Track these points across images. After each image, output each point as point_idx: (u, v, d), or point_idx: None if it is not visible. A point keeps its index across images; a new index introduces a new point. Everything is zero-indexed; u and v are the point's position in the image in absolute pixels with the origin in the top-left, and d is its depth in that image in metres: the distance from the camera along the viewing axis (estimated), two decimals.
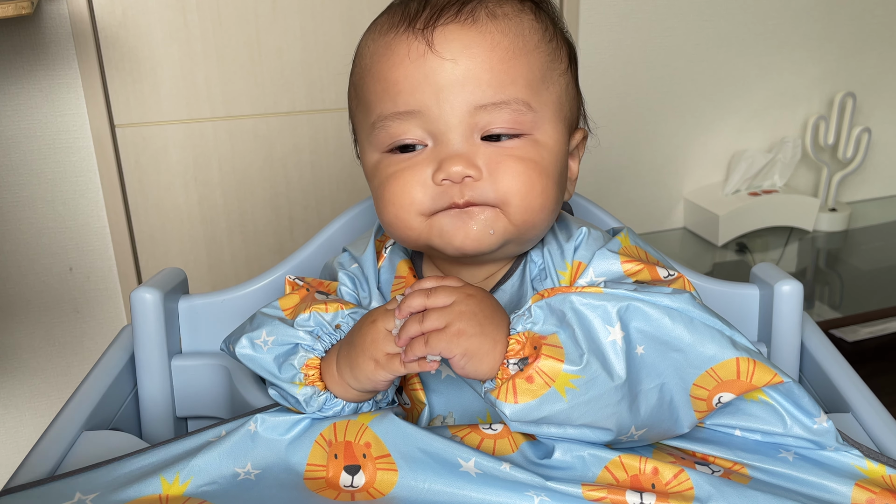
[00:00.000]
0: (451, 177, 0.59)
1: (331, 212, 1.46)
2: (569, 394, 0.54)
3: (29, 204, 1.34)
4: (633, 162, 1.68)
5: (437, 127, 0.60)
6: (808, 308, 1.49)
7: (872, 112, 1.81)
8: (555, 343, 0.54)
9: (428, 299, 0.56)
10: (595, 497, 0.53)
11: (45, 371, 1.44)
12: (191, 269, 1.41)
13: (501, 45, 0.60)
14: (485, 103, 0.59)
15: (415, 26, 0.60)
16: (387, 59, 0.61)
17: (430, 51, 0.59)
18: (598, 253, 0.64)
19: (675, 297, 0.56)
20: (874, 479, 0.57)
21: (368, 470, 0.57)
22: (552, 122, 0.62)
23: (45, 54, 1.27)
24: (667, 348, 0.56)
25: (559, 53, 0.64)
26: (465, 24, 0.60)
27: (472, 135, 0.60)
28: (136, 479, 0.58)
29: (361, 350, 0.57)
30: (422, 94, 0.59)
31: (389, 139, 0.62)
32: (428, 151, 0.61)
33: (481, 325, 0.55)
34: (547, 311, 0.55)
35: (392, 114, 0.61)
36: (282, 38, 1.36)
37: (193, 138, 1.38)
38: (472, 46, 0.59)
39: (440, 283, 0.57)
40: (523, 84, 0.60)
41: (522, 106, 0.60)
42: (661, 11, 1.59)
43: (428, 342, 0.54)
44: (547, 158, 0.62)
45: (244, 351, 0.62)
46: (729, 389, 0.57)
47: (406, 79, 0.60)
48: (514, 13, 0.62)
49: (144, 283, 0.77)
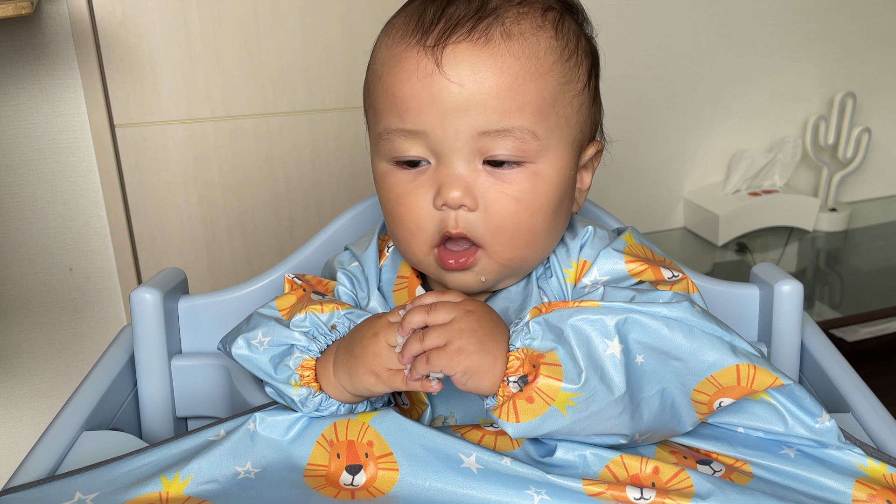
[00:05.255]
0: (449, 203, 0.60)
1: (331, 212, 1.46)
2: (569, 410, 0.54)
3: (29, 204, 1.34)
4: (633, 162, 1.68)
5: (441, 148, 0.60)
6: (808, 308, 1.49)
7: (872, 112, 1.81)
8: (553, 361, 0.54)
9: (428, 316, 0.56)
10: (595, 492, 0.54)
11: (45, 371, 1.43)
12: (191, 269, 1.41)
13: (512, 70, 0.59)
14: (488, 130, 0.59)
15: (426, 42, 0.59)
16: (396, 72, 0.61)
17: (438, 71, 0.58)
18: (604, 252, 0.64)
19: (673, 307, 0.56)
20: (875, 477, 0.57)
21: (370, 469, 0.57)
22: (558, 148, 0.62)
23: (45, 54, 1.27)
24: (666, 357, 0.56)
25: (576, 72, 0.62)
26: (478, 43, 0.59)
27: (474, 158, 0.60)
28: (136, 478, 0.58)
29: (362, 362, 0.57)
30: (427, 115, 0.59)
31: (395, 153, 0.62)
32: (431, 171, 0.61)
33: (481, 343, 0.55)
34: (545, 326, 0.55)
35: (398, 129, 0.61)
36: (282, 38, 1.36)
37: (193, 138, 1.38)
38: (480, 71, 0.58)
39: (440, 299, 0.57)
40: (530, 111, 0.60)
41: (527, 134, 0.60)
42: (661, 11, 1.59)
43: (429, 360, 0.54)
44: (545, 192, 0.62)
45: (240, 351, 0.62)
46: (729, 395, 0.57)
47: (413, 97, 0.59)
48: (532, 31, 0.60)
49: (144, 283, 0.77)
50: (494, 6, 0.60)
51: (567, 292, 0.65)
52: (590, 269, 0.64)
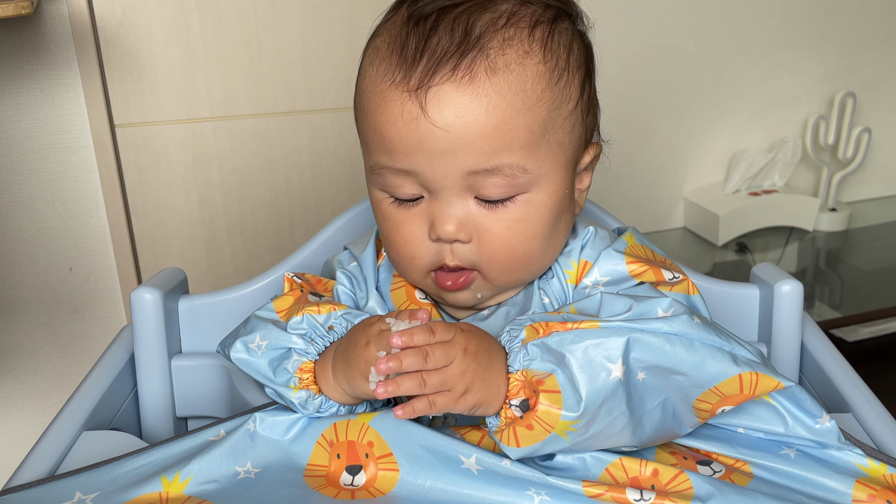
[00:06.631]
0: (443, 237, 0.61)
1: (331, 212, 1.46)
2: (570, 435, 0.54)
3: (29, 204, 1.34)
4: (633, 162, 1.68)
5: (432, 185, 0.60)
6: (808, 308, 1.49)
7: (872, 112, 1.81)
8: (553, 388, 0.54)
9: (426, 362, 0.53)
10: (595, 493, 0.54)
11: (45, 371, 1.43)
12: (191, 269, 1.41)
13: (498, 110, 0.57)
14: (477, 169, 0.58)
15: (409, 83, 0.57)
16: (381, 112, 0.59)
17: (422, 115, 0.57)
18: (605, 253, 0.64)
19: (673, 322, 0.55)
20: (875, 477, 0.57)
21: (370, 470, 0.57)
22: (551, 174, 0.61)
23: (45, 54, 1.27)
24: (669, 373, 0.56)
25: (567, 91, 0.61)
26: (462, 83, 0.56)
27: (465, 194, 0.60)
28: (136, 478, 0.58)
29: (357, 370, 0.57)
30: (416, 157, 0.58)
31: (388, 188, 0.62)
32: (424, 204, 0.61)
33: (484, 380, 0.55)
34: (543, 349, 0.55)
35: (388, 167, 0.60)
36: (282, 38, 1.36)
37: (193, 138, 1.38)
38: (465, 114, 0.57)
39: (432, 340, 0.54)
40: (519, 146, 0.58)
41: (517, 170, 0.59)
42: (661, 11, 1.59)
43: (435, 404, 0.54)
44: (538, 218, 0.61)
45: (239, 355, 0.62)
46: (731, 403, 0.57)
47: (400, 140, 0.58)
48: (518, 60, 0.58)
49: (144, 283, 0.77)
50: (478, 35, 0.57)
51: (568, 293, 0.65)
52: (591, 270, 0.64)
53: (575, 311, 0.58)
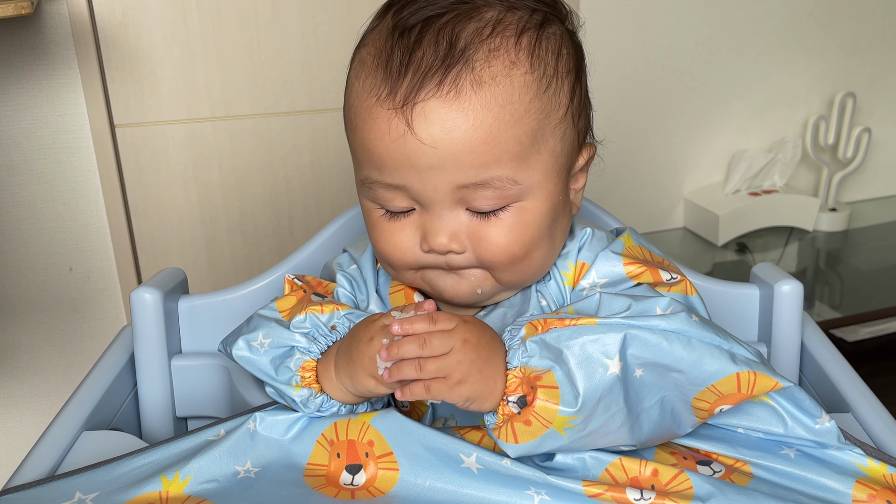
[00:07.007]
0: (436, 249, 0.60)
1: (331, 212, 1.46)
2: (568, 431, 0.54)
3: (29, 204, 1.34)
4: (633, 162, 1.68)
5: (422, 199, 0.60)
6: (808, 308, 1.49)
7: (872, 112, 1.81)
8: (550, 383, 0.54)
9: (423, 349, 0.54)
10: (595, 493, 0.54)
11: (45, 371, 1.43)
12: (191, 269, 1.41)
13: (485, 124, 0.56)
14: (467, 183, 0.58)
15: (395, 100, 0.56)
16: (369, 129, 0.59)
17: (409, 132, 0.56)
18: (602, 254, 0.64)
19: (671, 319, 0.55)
20: (875, 477, 0.57)
21: (370, 469, 0.57)
22: (543, 181, 0.60)
23: (45, 54, 1.27)
24: (666, 370, 0.56)
25: (557, 98, 0.60)
26: (448, 98, 0.56)
27: (456, 206, 0.60)
28: (136, 478, 0.58)
29: (361, 367, 0.57)
30: (404, 173, 0.58)
31: (379, 201, 0.62)
32: (416, 215, 0.61)
33: (481, 372, 0.55)
34: (542, 345, 0.55)
35: (378, 181, 0.60)
36: (282, 38, 1.36)
37: (193, 138, 1.38)
38: (452, 130, 0.56)
39: (434, 328, 0.55)
40: (508, 159, 0.58)
41: (507, 182, 0.58)
42: (661, 11, 1.59)
43: (430, 390, 0.54)
44: (533, 223, 0.61)
45: (241, 353, 0.62)
46: (729, 402, 0.57)
47: (389, 156, 0.58)
48: (505, 72, 0.57)
49: (144, 283, 0.77)
50: (463, 47, 0.56)
51: (566, 295, 0.65)
52: (588, 272, 0.64)
53: (574, 311, 0.58)
